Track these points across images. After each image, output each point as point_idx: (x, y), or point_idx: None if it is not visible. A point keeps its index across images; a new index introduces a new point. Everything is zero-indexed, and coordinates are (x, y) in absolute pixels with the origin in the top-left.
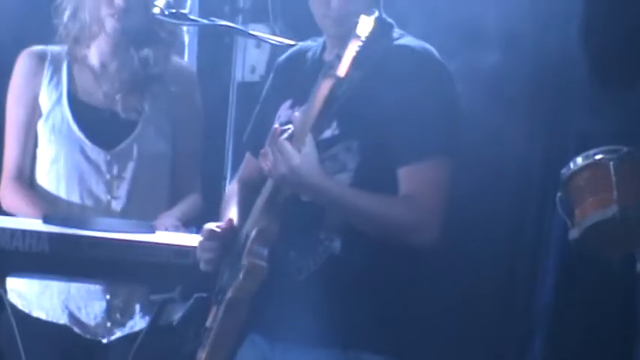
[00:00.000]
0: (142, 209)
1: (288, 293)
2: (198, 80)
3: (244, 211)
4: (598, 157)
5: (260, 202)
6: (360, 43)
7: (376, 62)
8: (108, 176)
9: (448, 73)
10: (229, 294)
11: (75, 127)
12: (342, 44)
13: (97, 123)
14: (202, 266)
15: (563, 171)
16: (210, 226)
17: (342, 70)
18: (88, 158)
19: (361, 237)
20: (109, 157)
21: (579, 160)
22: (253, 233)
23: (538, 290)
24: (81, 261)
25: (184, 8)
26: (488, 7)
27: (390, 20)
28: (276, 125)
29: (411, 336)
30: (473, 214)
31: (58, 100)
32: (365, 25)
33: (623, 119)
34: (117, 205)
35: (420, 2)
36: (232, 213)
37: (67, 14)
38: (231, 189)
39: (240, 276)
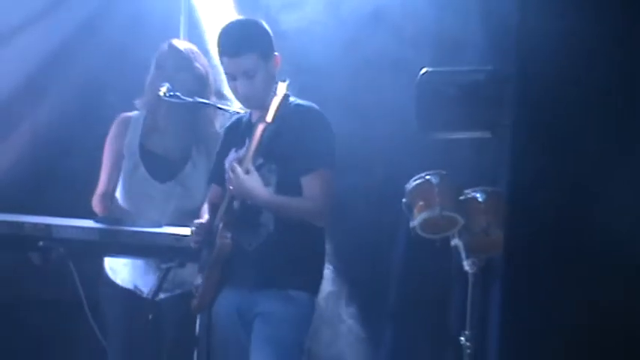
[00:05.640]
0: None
1: (242, 258)
2: None
3: (214, 215)
4: (427, 177)
5: (222, 206)
6: (279, 99)
7: (283, 117)
8: (160, 199)
9: (328, 121)
10: (210, 261)
11: (142, 168)
12: (261, 110)
13: (156, 164)
14: (192, 245)
15: (406, 185)
16: (199, 220)
17: (269, 117)
18: (149, 187)
19: (286, 222)
20: (161, 187)
21: (415, 179)
22: (221, 224)
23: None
24: (119, 245)
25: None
26: None
27: (287, 92)
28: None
29: (317, 278)
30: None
31: (135, 150)
32: (281, 88)
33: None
34: (164, 218)
35: None
36: (207, 216)
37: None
38: (205, 206)
39: (216, 249)
